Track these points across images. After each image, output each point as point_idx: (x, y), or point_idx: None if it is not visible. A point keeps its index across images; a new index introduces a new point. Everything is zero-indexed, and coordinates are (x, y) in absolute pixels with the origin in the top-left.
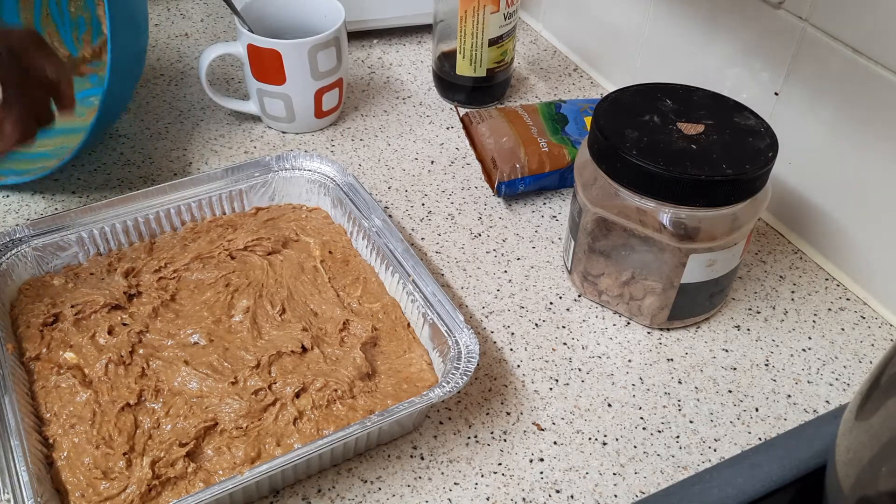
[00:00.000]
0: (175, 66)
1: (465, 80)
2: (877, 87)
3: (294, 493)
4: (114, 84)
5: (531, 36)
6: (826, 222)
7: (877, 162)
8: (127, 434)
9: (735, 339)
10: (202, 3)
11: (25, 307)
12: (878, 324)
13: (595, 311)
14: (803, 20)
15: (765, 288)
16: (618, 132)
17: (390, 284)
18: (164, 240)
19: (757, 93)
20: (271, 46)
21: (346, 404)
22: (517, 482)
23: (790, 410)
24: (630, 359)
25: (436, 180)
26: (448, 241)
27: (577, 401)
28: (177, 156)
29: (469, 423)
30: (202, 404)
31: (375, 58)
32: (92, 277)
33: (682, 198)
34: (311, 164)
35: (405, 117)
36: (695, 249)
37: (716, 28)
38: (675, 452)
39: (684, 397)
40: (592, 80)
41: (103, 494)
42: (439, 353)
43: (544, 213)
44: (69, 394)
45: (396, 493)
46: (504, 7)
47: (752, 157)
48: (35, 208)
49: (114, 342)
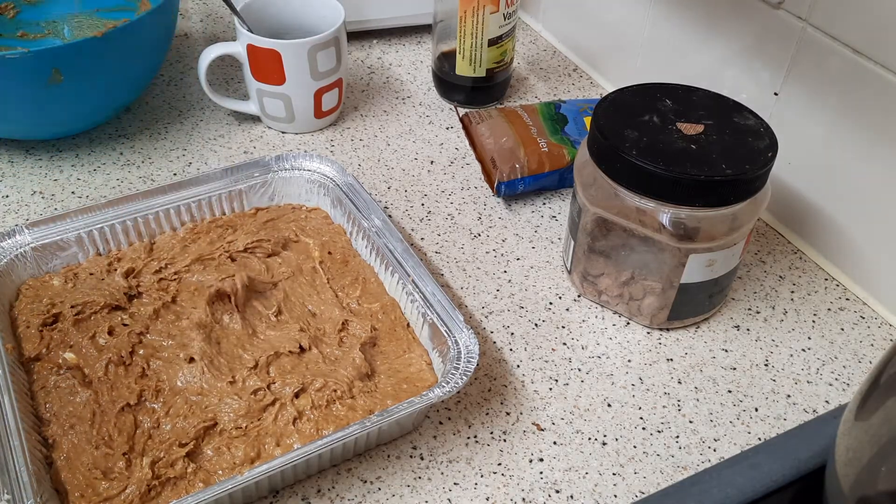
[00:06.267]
0: (175, 66)
1: (464, 80)
2: (877, 87)
3: (294, 493)
4: None
5: (531, 36)
6: (826, 222)
7: (877, 162)
8: (127, 434)
9: (735, 339)
10: (202, 3)
11: (25, 307)
12: (878, 324)
13: (595, 311)
14: (803, 20)
15: (764, 288)
16: (617, 132)
17: (390, 284)
18: (163, 240)
19: (756, 93)
20: (271, 46)
21: (345, 404)
22: (517, 482)
23: (790, 410)
24: (630, 359)
25: (435, 180)
26: (448, 241)
27: (576, 401)
28: (176, 156)
29: (469, 423)
30: (202, 403)
31: (375, 58)
32: (92, 278)
33: (682, 198)
34: (310, 165)
35: (405, 117)
36: (694, 249)
37: (715, 28)
38: (675, 452)
39: (684, 397)
40: (592, 81)
41: (103, 494)
42: (439, 354)
43: (544, 214)
44: (69, 394)
45: (396, 493)
46: (504, 7)
47: (752, 158)
48: (35, 208)
49: (114, 342)
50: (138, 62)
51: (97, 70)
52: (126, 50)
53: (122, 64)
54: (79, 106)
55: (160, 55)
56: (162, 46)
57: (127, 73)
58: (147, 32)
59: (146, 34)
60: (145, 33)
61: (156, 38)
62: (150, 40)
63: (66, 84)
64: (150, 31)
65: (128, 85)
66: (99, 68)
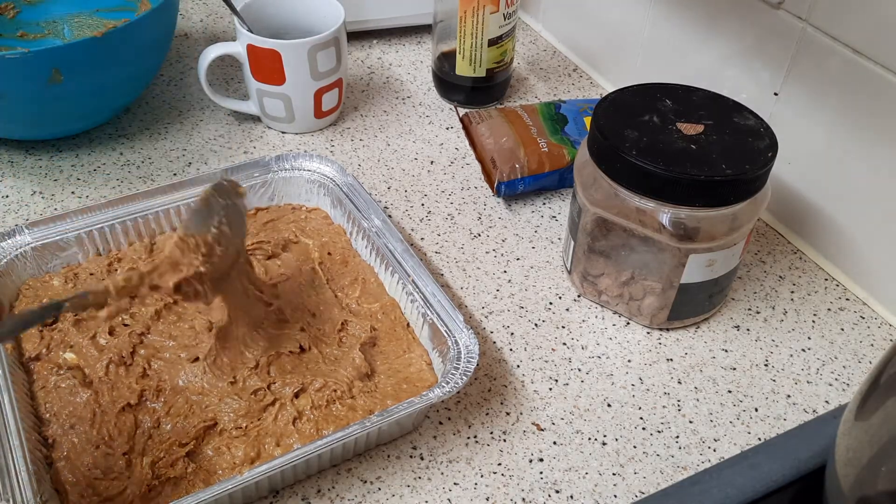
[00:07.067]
0: (175, 66)
1: (464, 80)
2: (877, 87)
3: (294, 493)
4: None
5: (531, 36)
6: (826, 222)
7: (877, 162)
8: (127, 434)
9: (735, 340)
10: (202, 3)
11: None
12: (878, 324)
13: (595, 311)
14: (803, 20)
15: (764, 288)
16: (617, 132)
17: (390, 284)
18: (164, 240)
19: (756, 93)
20: (271, 46)
21: (345, 404)
22: (517, 482)
23: (790, 410)
24: (630, 359)
25: (435, 180)
26: (448, 241)
27: (576, 401)
28: (176, 156)
29: (469, 423)
30: (202, 403)
31: (375, 58)
32: (92, 278)
33: (682, 198)
34: (310, 165)
35: (405, 117)
36: (694, 249)
37: (715, 28)
38: (675, 452)
39: (684, 397)
40: (592, 81)
41: (103, 494)
42: (439, 354)
43: (544, 214)
44: (69, 394)
45: (396, 493)
46: (504, 7)
47: (752, 158)
48: (35, 208)
49: (115, 343)
50: (138, 62)
51: (97, 70)
52: (126, 50)
53: (122, 64)
54: (79, 106)
55: (160, 55)
56: (162, 46)
57: (127, 73)
58: (147, 32)
59: (146, 34)
60: (145, 33)
61: (156, 38)
62: (150, 40)
63: (66, 84)
64: (150, 31)
65: (128, 85)
66: (99, 68)
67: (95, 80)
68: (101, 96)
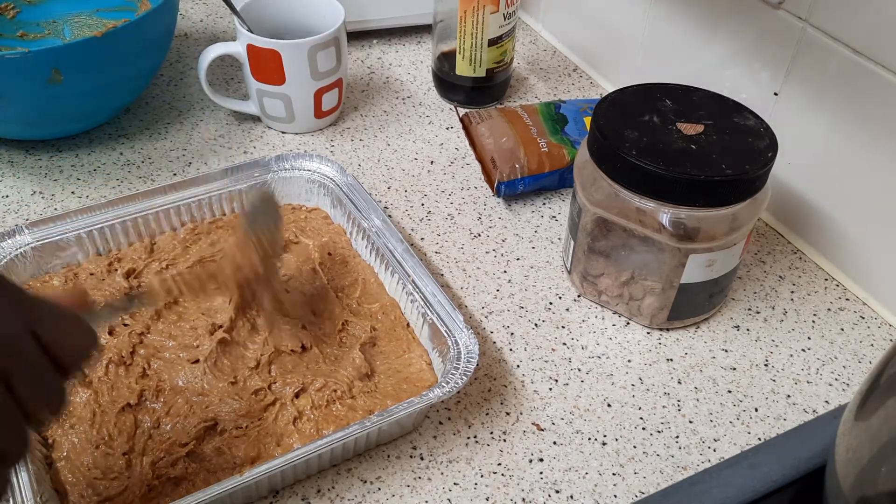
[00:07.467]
0: (175, 66)
1: (464, 80)
2: (876, 87)
3: (294, 493)
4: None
5: (531, 36)
6: (826, 222)
7: (876, 162)
8: (127, 434)
9: (735, 340)
10: (202, 3)
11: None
12: (878, 324)
13: (595, 311)
14: (803, 20)
15: (764, 288)
16: (617, 132)
17: (390, 284)
18: (164, 240)
19: (756, 93)
20: (271, 46)
21: (345, 404)
22: (517, 482)
23: (790, 410)
24: (630, 359)
25: (435, 180)
26: (447, 241)
27: (576, 401)
28: (176, 156)
29: (469, 423)
30: (202, 403)
31: (375, 58)
32: (92, 278)
33: (682, 198)
34: (310, 165)
35: (405, 117)
36: (694, 249)
37: (715, 28)
38: (675, 453)
39: (684, 397)
40: (592, 81)
41: (103, 494)
42: (439, 354)
43: (544, 214)
44: (69, 394)
45: (396, 493)
46: (504, 7)
47: (752, 158)
48: (35, 208)
49: (115, 343)
50: (138, 62)
51: (97, 70)
52: (126, 50)
53: (122, 64)
54: (79, 106)
55: (160, 55)
56: (162, 46)
57: (127, 73)
58: (147, 32)
59: (146, 34)
60: (145, 33)
61: (156, 38)
62: (150, 40)
63: (66, 84)
64: (150, 31)
65: (128, 85)
66: (99, 68)
67: (95, 80)
68: (100, 96)
